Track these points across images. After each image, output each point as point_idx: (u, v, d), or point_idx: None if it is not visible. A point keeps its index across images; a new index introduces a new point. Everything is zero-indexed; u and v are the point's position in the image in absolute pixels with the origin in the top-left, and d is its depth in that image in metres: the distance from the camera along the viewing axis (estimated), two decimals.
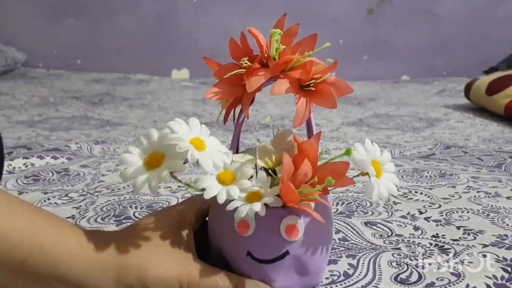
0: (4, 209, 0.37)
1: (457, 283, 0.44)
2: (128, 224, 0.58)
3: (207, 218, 0.45)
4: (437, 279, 0.45)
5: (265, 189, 0.39)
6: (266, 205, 0.38)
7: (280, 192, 0.38)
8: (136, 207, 0.63)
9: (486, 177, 0.77)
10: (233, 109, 0.45)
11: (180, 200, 0.48)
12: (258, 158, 0.42)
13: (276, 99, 1.68)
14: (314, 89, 0.41)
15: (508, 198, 0.67)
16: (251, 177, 0.40)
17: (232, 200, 0.38)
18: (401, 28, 2.39)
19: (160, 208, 0.62)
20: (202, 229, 0.45)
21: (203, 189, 0.38)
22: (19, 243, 0.36)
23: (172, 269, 0.38)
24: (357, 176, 0.42)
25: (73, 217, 0.60)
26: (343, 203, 0.65)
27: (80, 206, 0.64)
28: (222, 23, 2.24)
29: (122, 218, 0.60)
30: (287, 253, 0.40)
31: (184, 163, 0.37)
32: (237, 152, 0.44)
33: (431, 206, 0.63)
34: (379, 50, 2.41)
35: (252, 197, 0.38)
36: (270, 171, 0.41)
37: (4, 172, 0.75)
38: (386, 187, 0.41)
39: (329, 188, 0.40)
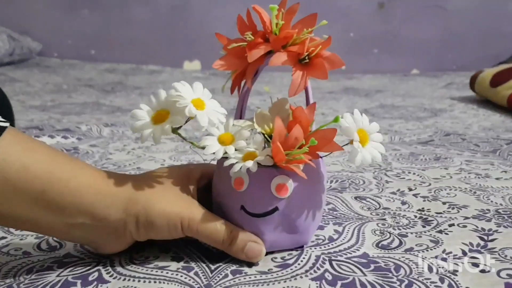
0: (27, 144, 0.41)
1: (435, 248, 0.47)
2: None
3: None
4: (416, 245, 0.48)
5: (259, 150, 0.43)
6: (260, 164, 0.42)
7: (272, 152, 0.42)
8: None
9: (480, 161, 0.79)
10: (239, 80, 0.48)
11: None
12: (255, 123, 0.46)
13: (284, 90, 1.71)
14: (307, 60, 0.44)
15: (497, 179, 0.69)
16: (247, 139, 0.45)
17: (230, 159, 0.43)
18: (411, 22, 2.40)
19: None
20: (207, 190, 0.49)
21: (204, 147, 0.44)
22: (40, 174, 0.39)
23: (176, 206, 0.43)
24: (346, 144, 0.45)
25: None
26: (337, 181, 0.68)
27: None
28: (234, 15, 2.27)
29: None
30: (276, 209, 0.44)
31: (187, 121, 0.43)
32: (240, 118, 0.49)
33: (421, 185, 0.66)
34: (389, 43, 2.42)
35: (248, 156, 0.43)
36: (267, 136, 0.46)
37: None
38: (371, 153, 0.45)
39: (321, 153, 0.45)
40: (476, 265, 0.44)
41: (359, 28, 2.38)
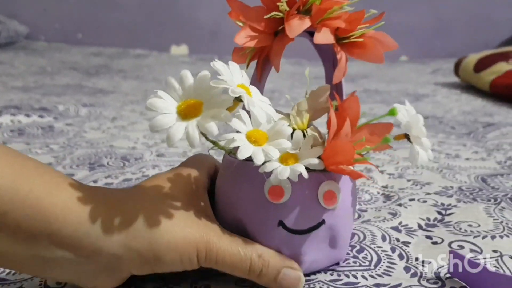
0: None
1: (391, 220, 0.48)
2: (101, 170, 0.62)
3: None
4: (373, 217, 0.49)
5: (302, 150, 0.35)
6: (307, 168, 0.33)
7: (323, 154, 0.34)
8: (110, 157, 0.67)
9: (452, 142, 0.80)
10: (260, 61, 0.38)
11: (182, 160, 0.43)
12: (295, 116, 0.38)
13: (270, 74, 1.71)
14: (361, 39, 0.36)
15: (467, 159, 0.70)
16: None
17: (264, 162, 0.33)
18: (400, 8, 2.39)
19: (135, 159, 0.66)
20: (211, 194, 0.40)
21: (231, 152, 0.35)
22: (0, 192, 0.30)
23: (189, 234, 0.33)
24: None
25: (50, 164, 0.64)
26: None
27: (59, 155, 0.68)
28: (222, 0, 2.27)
29: (95, 165, 0.64)
30: (323, 222, 0.36)
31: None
32: None
33: (389, 163, 0.67)
34: (378, 29, 2.42)
35: (287, 159, 0.34)
36: (304, 132, 0.37)
37: None
38: (426, 150, 0.39)
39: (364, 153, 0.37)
40: (429, 237, 0.45)
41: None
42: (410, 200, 0.53)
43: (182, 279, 0.38)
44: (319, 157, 0.34)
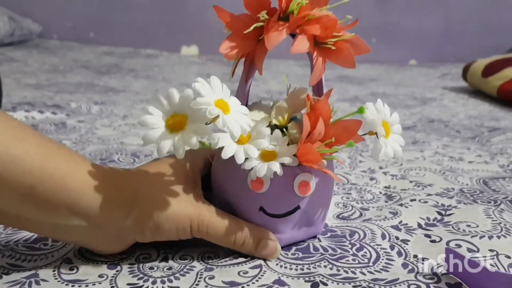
0: (16, 134, 0.36)
1: (392, 219, 0.49)
2: (112, 166, 0.64)
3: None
4: (375, 216, 0.50)
5: (280, 148, 0.40)
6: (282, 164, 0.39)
7: (298, 152, 0.39)
8: (121, 154, 0.69)
9: (457, 146, 0.81)
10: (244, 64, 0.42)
11: None
12: (275, 116, 0.43)
13: (278, 76, 1.72)
14: (334, 47, 0.40)
15: (470, 162, 0.71)
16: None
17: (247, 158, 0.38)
18: (410, 12, 2.40)
19: (145, 156, 0.68)
20: (208, 178, 0.45)
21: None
22: (30, 169, 0.35)
23: (185, 208, 0.39)
24: (364, 134, 0.43)
25: None
26: None
27: None
28: (232, 1, 2.28)
29: (106, 161, 0.66)
30: (298, 207, 0.42)
31: (206, 124, 0.36)
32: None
33: (393, 164, 0.68)
34: (387, 33, 2.43)
35: (267, 155, 0.39)
36: (283, 128, 0.42)
37: None
38: (392, 147, 0.42)
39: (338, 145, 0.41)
40: (428, 236, 0.46)
41: (358, 17, 2.37)
42: (412, 200, 0.54)
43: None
44: (295, 154, 0.40)
